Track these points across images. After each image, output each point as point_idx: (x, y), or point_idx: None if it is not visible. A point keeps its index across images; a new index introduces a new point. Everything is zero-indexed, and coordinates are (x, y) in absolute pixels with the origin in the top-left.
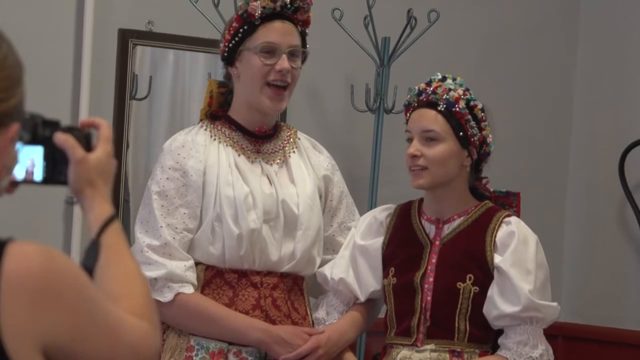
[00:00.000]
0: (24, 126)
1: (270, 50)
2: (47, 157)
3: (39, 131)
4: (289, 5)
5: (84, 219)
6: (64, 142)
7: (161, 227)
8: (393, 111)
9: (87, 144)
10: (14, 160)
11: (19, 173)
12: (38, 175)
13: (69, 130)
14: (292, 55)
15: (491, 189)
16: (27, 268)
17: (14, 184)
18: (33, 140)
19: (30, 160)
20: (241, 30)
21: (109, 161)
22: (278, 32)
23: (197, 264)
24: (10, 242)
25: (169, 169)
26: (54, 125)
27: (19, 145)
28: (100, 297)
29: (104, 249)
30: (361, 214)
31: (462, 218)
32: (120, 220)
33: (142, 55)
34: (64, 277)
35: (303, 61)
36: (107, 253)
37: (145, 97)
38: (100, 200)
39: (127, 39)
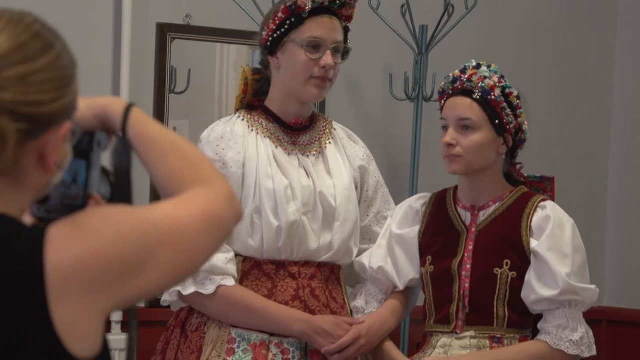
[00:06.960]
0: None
1: (316, 45)
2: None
3: None
4: (337, 1)
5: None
6: None
7: None
8: (432, 99)
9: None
10: (65, 157)
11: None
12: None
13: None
14: (335, 51)
15: (525, 174)
16: (68, 256)
17: None
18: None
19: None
20: (288, 21)
21: None
22: (325, 28)
23: (235, 255)
24: (48, 228)
25: None
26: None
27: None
28: (144, 215)
29: (138, 141)
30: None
31: (497, 204)
32: None
33: (181, 49)
34: (107, 249)
35: (344, 57)
36: (141, 145)
37: (184, 91)
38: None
39: (165, 33)
